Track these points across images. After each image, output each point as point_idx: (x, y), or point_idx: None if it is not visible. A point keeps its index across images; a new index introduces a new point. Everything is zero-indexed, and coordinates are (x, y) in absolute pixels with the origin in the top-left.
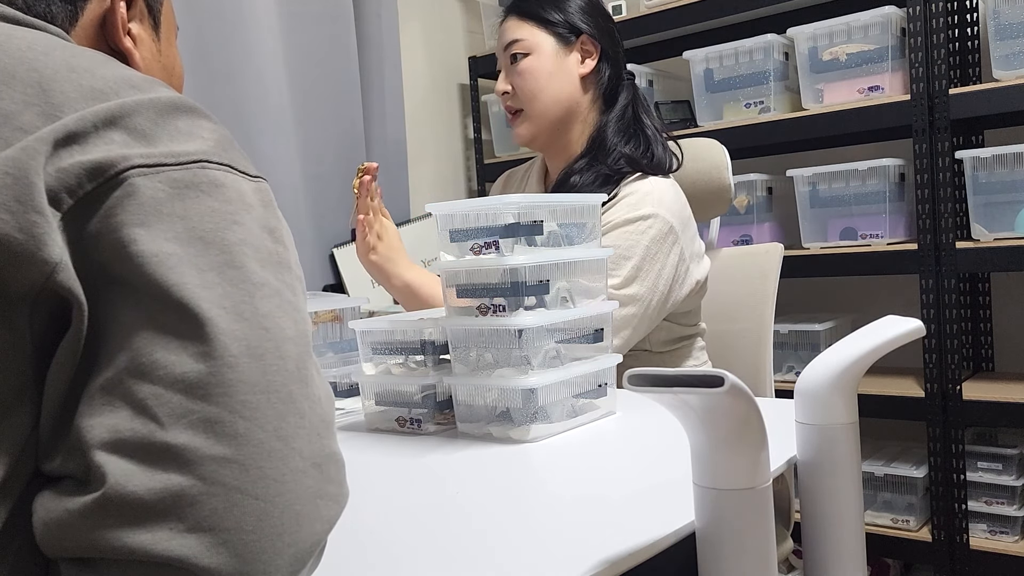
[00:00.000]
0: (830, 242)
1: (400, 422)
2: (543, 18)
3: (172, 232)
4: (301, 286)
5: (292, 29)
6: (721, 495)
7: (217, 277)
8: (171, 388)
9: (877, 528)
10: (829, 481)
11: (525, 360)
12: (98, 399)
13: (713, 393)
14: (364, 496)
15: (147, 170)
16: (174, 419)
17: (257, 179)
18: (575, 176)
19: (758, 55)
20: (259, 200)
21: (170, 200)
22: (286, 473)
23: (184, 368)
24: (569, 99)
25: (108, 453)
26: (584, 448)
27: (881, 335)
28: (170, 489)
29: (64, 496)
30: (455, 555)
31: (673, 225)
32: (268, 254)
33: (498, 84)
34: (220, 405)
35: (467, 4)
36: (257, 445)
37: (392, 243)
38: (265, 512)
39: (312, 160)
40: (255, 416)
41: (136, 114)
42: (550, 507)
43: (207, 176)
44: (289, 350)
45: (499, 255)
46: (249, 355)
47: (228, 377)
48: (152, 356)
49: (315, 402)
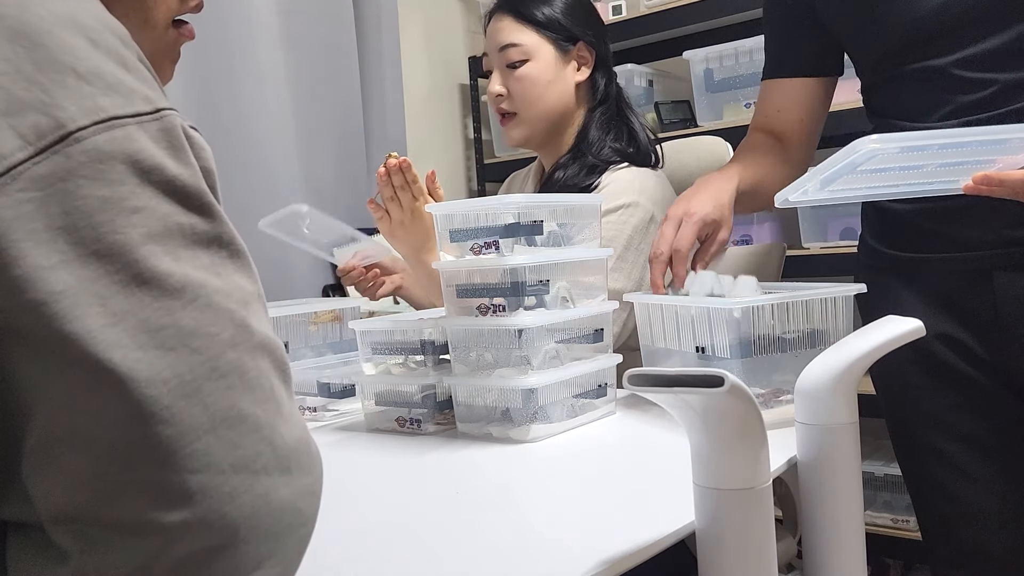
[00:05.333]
0: (830, 242)
1: (400, 422)
2: (539, 22)
3: (56, 255)
4: (230, 248)
5: (292, 29)
6: (721, 495)
7: (126, 302)
8: (103, 460)
9: (877, 528)
10: (829, 481)
11: (525, 360)
12: (34, 463)
13: (713, 393)
14: (364, 496)
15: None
16: (117, 492)
17: (159, 114)
18: (559, 171)
19: (758, 55)
20: (166, 148)
21: (41, 211)
22: (254, 503)
23: (111, 439)
24: (564, 106)
25: (61, 531)
26: (584, 448)
27: (881, 335)
28: (136, 562)
29: (40, 563)
30: (455, 555)
31: (655, 213)
32: (183, 235)
33: (491, 86)
34: (164, 468)
35: (467, 4)
36: (216, 492)
37: (411, 230)
38: (241, 554)
39: (312, 160)
40: (207, 463)
41: None
42: (550, 507)
43: (84, 152)
44: (228, 362)
45: (499, 255)
46: (184, 395)
47: (166, 435)
48: (71, 425)
49: (267, 398)
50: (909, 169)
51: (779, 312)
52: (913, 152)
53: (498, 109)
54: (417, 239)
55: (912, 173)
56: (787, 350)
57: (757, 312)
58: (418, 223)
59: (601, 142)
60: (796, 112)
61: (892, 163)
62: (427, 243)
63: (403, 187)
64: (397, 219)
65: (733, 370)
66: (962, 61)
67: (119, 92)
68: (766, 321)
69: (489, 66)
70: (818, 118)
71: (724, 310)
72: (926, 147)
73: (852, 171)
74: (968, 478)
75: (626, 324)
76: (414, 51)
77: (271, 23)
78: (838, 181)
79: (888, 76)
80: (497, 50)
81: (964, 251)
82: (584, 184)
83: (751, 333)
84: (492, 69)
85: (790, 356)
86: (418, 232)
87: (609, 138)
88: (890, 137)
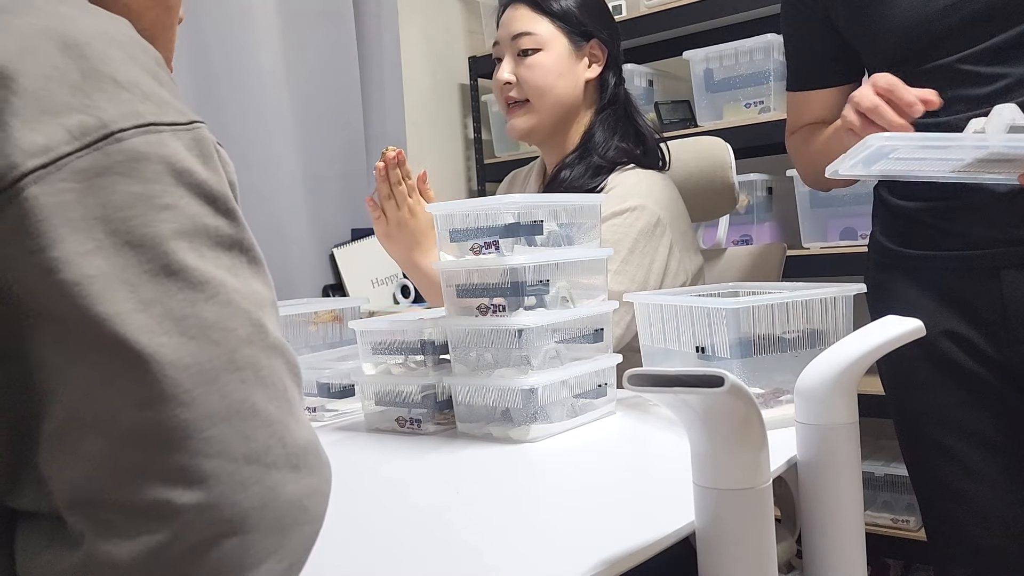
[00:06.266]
0: (830, 242)
1: (400, 422)
2: (556, 13)
3: (91, 242)
4: (249, 254)
5: (292, 29)
6: (721, 495)
7: (153, 291)
8: (122, 443)
9: (877, 528)
10: (829, 481)
11: (525, 360)
12: (52, 447)
13: (713, 393)
14: (364, 496)
15: (43, 172)
16: (133, 475)
17: (191, 126)
18: (565, 171)
19: (758, 55)
20: (197, 155)
21: (80, 200)
22: (264, 495)
23: (132, 420)
24: (572, 102)
25: (76, 513)
26: (584, 448)
27: (881, 335)
28: (148, 549)
29: (49, 547)
30: (455, 555)
31: (661, 216)
32: (208, 235)
33: (500, 73)
34: (181, 451)
35: (467, 4)
36: (228, 479)
37: (408, 230)
38: (249, 543)
39: (312, 160)
40: (221, 449)
41: (22, 74)
42: (550, 507)
43: (123, 151)
44: (244, 357)
45: (499, 255)
46: (203, 382)
47: (184, 418)
48: (93, 408)
49: (280, 396)
50: (945, 160)
51: (779, 312)
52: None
53: (506, 98)
54: (412, 240)
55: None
56: (787, 350)
57: (757, 312)
58: (418, 222)
59: (608, 143)
60: (828, 120)
61: (916, 155)
62: (419, 246)
63: (399, 183)
64: (394, 218)
65: (733, 370)
66: (972, 56)
67: (154, 102)
68: (766, 321)
69: (500, 54)
70: None
71: (724, 310)
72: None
73: (883, 157)
74: (975, 475)
75: (628, 327)
76: (414, 51)
77: (271, 23)
78: (880, 163)
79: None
80: (510, 38)
81: (972, 249)
82: (590, 186)
83: (751, 333)
84: (502, 57)
85: (790, 356)
86: (413, 233)
87: (616, 139)
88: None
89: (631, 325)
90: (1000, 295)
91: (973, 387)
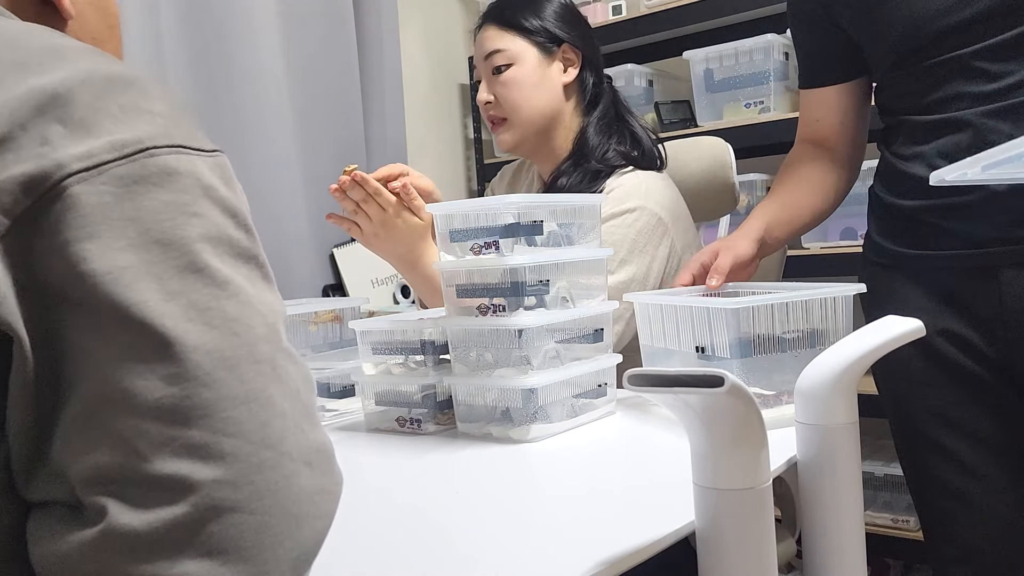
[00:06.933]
0: (830, 242)
1: (400, 422)
2: (523, 27)
3: (125, 239)
4: (263, 269)
5: (292, 29)
6: (721, 495)
7: (180, 284)
8: (147, 418)
9: (877, 528)
10: (829, 481)
11: (525, 360)
12: (74, 433)
13: (713, 393)
14: (364, 496)
15: (87, 174)
16: (157, 449)
17: (214, 153)
18: (562, 178)
19: (758, 55)
20: (219, 178)
21: (118, 203)
22: (279, 480)
23: (157, 394)
24: (553, 109)
25: (97, 491)
26: (584, 448)
27: (881, 335)
28: (166, 521)
29: (62, 529)
30: (455, 555)
31: (661, 217)
32: (230, 245)
33: (480, 94)
34: (202, 427)
35: (467, 4)
36: (245, 460)
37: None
38: (263, 524)
39: (312, 160)
40: (239, 430)
41: (70, 101)
42: (550, 507)
43: (156, 165)
44: (262, 351)
45: (499, 255)
46: (224, 367)
47: (205, 397)
48: (121, 385)
49: (294, 397)
50: None
51: (779, 312)
52: None
53: (489, 117)
54: (401, 247)
55: None
56: (787, 350)
57: (757, 312)
58: (394, 234)
59: (604, 146)
60: (834, 118)
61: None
62: (413, 251)
63: (366, 200)
64: (368, 231)
65: (733, 370)
66: (981, 52)
67: (184, 130)
68: (766, 321)
69: (479, 76)
70: (859, 117)
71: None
72: None
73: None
74: (972, 474)
75: (629, 324)
76: (414, 51)
77: (271, 23)
78: (1001, 167)
79: (905, 72)
80: (483, 58)
81: (971, 248)
82: (589, 190)
83: (751, 333)
84: (480, 79)
85: (790, 356)
86: (399, 241)
87: (612, 142)
88: None
89: (631, 323)
90: (998, 294)
91: (971, 386)
